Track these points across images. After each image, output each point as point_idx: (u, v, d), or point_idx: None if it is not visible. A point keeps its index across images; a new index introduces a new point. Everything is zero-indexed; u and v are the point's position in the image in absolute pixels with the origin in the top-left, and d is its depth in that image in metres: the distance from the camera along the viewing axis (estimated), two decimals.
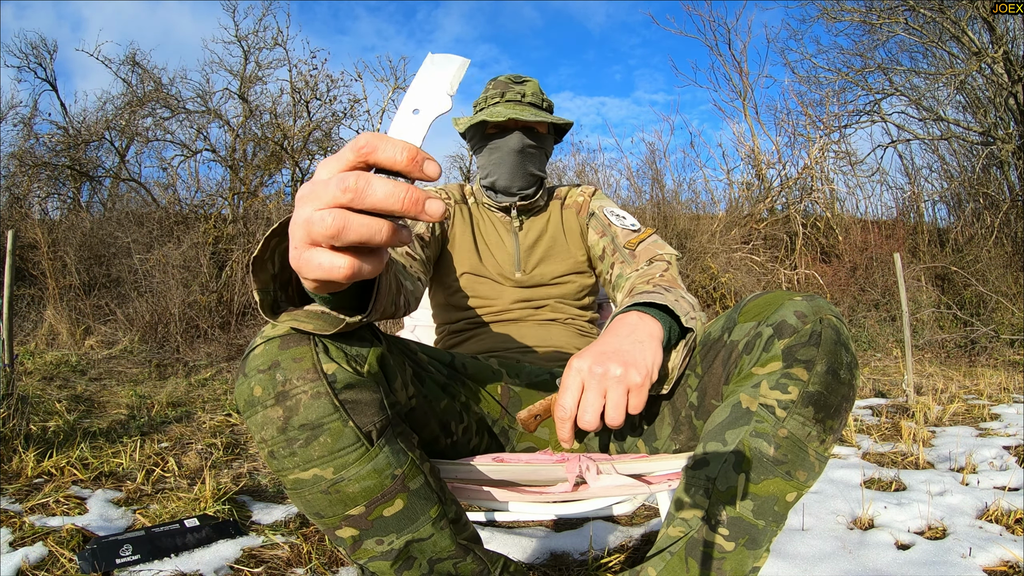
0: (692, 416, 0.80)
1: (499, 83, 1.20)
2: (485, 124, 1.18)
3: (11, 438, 2.12)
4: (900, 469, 2.09)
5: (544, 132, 1.20)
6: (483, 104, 1.21)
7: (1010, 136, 7.04)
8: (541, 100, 1.20)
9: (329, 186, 0.43)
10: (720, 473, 0.70)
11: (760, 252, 6.79)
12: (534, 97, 1.18)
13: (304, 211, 0.45)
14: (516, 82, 1.20)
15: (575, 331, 1.18)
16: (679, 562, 0.71)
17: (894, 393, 3.64)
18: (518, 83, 1.19)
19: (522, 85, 1.19)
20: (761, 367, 0.69)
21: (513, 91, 1.17)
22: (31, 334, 4.95)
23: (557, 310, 1.18)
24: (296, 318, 0.59)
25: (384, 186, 0.43)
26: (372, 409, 0.63)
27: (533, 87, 1.20)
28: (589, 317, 1.24)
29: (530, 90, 1.18)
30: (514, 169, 1.17)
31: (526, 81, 1.21)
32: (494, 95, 1.18)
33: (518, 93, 1.17)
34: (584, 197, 1.26)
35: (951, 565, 1.30)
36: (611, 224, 1.18)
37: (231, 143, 7.13)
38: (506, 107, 1.15)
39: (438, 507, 0.67)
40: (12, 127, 6.88)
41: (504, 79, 1.21)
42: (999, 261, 6.55)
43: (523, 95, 1.17)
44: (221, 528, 1.51)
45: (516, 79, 1.21)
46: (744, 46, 10.22)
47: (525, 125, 1.17)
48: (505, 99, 1.17)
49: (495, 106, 1.17)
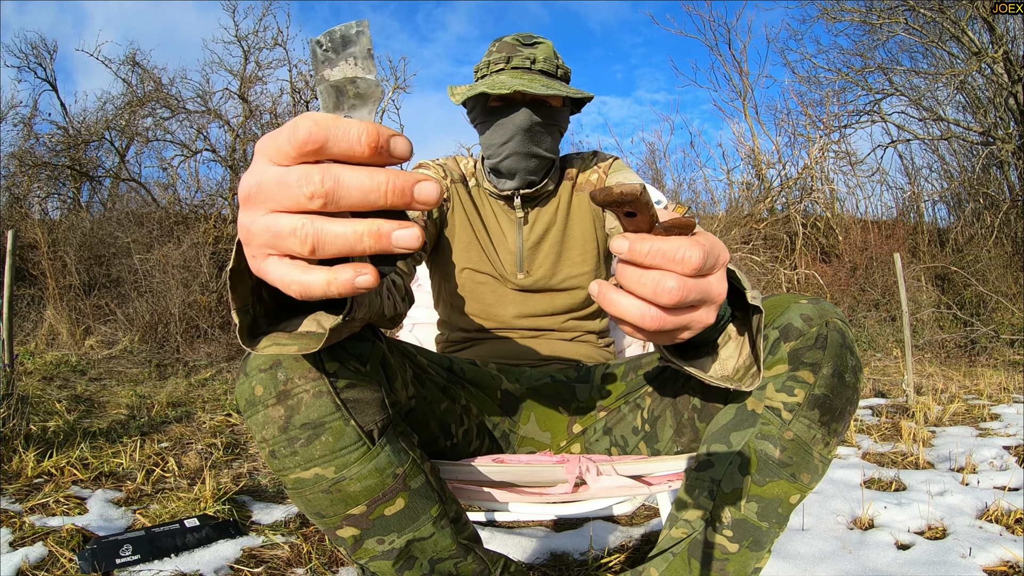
0: (695, 418, 0.80)
1: (504, 45, 1.01)
2: (487, 96, 0.99)
3: (11, 438, 2.11)
4: (900, 469, 2.09)
5: (558, 105, 1.02)
6: (485, 70, 1.01)
7: (1010, 136, 7.04)
8: (555, 67, 1.01)
9: (288, 186, 0.36)
10: (725, 475, 0.69)
11: (760, 252, 6.79)
12: (546, 63, 0.99)
13: (255, 216, 0.38)
14: (525, 44, 1.00)
15: (580, 343, 1.10)
16: (682, 563, 0.71)
17: (894, 393, 3.63)
18: (527, 45, 1.00)
19: (532, 48, 1.00)
20: (767, 370, 0.69)
21: (521, 56, 0.98)
22: (31, 334, 4.95)
23: (564, 328, 1.07)
24: (277, 341, 0.52)
25: (358, 180, 0.35)
26: (373, 408, 0.63)
27: (546, 51, 1.00)
28: (600, 328, 1.12)
29: (542, 55, 0.99)
30: (520, 149, 0.99)
31: (537, 43, 1.01)
32: (498, 60, 0.99)
33: (527, 59, 0.98)
34: (599, 174, 1.09)
35: (951, 565, 1.30)
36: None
37: (231, 143, 7.13)
38: (512, 76, 0.96)
39: (439, 506, 0.66)
40: (12, 127, 6.88)
41: (511, 40, 1.01)
42: (999, 261, 6.55)
43: (533, 61, 0.98)
44: (221, 528, 1.51)
45: (525, 40, 1.01)
46: (744, 46, 10.22)
47: (535, 98, 0.99)
48: (511, 65, 0.98)
49: (499, 74, 0.98)
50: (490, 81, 0.97)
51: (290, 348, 0.51)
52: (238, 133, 7.10)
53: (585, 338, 1.11)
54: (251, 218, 0.38)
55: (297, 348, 0.51)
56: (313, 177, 0.35)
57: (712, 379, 0.60)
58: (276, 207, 0.37)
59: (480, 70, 1.03)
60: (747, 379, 0.61)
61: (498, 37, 1.04)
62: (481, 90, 0.95)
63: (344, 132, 0.35)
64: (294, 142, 0.35)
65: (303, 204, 0.35)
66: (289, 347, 0.51)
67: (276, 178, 0.36)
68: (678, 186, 7.88)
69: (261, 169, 0.37)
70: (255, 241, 0.38)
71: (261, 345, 0.51)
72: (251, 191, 0.38)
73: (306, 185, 0.35)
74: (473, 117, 1.06)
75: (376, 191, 0.35)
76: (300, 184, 0.35)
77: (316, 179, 0.35)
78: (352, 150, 0.35)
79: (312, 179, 0.35)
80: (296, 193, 0.35)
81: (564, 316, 1.08)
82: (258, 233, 0.38)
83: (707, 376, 0.60)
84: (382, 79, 7.48)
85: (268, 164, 0.37)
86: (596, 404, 0.94)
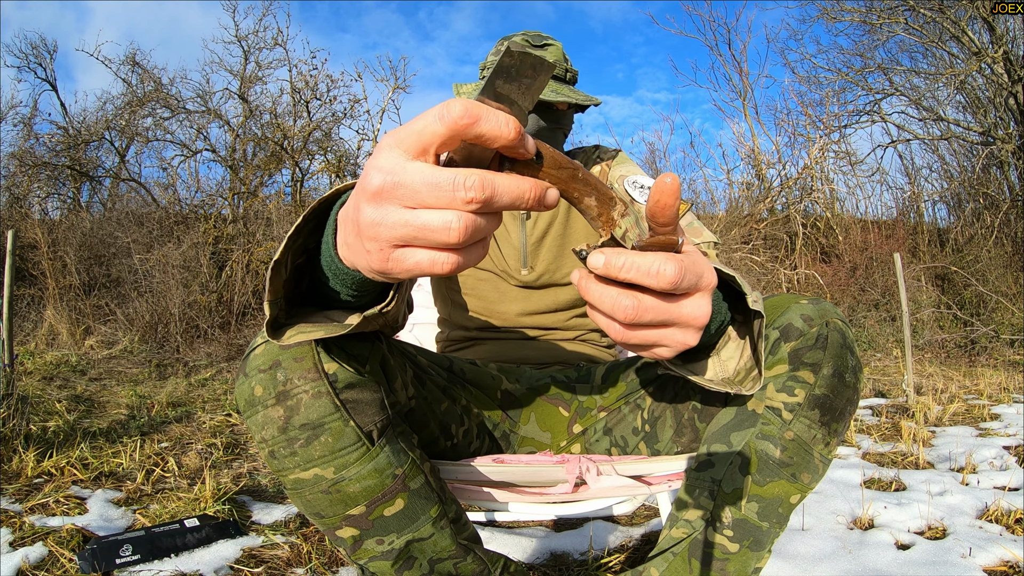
0: (695, 419, 0.80)
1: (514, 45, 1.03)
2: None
3: (11, 438, 2.11)
4: (900, 469, 2.09)
5: (564, 108, 1.01)
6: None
7: (1010, 136, 7.04)
8: (564, 71, 0.99)
9: (440, 188, 0.37)
10: (726, 475, 0.69)
11: (760, 252, 6.79)
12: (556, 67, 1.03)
13: (387, 211, 0.39)
14: (535, 45, 0.99)
15: (582, 343, 1.09)
16: (682, 563, 0.71)
17: (894, 393, 3.64)
18: (537, 47, 0.99)
19: (542, 50, 0.98)
20: (767, 370, 0.69)
21: None
22: (31, 334, 4.95)
23: (568, 327, 1.06)
24: (302, 330, 0.54)
25: (510, 188, 0.38)
26: (373, 409, 0.62)
27: (555, 53, 0.99)
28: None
29: (551, 57, 0.97)
30: None
31: (548, 44, 1.00)
32: None
33: None
34: (602, 167, 1.07)
35: (951, 565, 1.30)
36: (634, 200, 0.98)
37: (231, 143, 7.13)
38: None
39: (438, 507, 0.66)
40: (12, 127, 6.90)
41: (520, 39, 0.98)
42: (999, 261, 6.55)
43: None
44: (221, 528, 1.51)
45: (535, 40, 0.99)
46: (744, 46, 10.24)
47: (542, 103, 0.97)
48: None
49: None
50: None
51: (316, 333, 0.53)
52: (238, 133, 7.10)
53: (587, 337, 1.10)
54: (382, 213, 0.39)
55: (324, 332, 0.53)
56: (472, 182, 0.37)
57: (711, 384, 0.61)
58: (420, 204, 0.38)
59: (487, 68, 1.01)
60: (748, 382, 0.62)
61: (506, 35, 1.03)
62: None
63: (495, 115, 0.37)
64: (447, 119, 0.36)
65: (455, 205, 0.37)
66: (315, 332, 0.53)
67: (425, 179, 0.37)
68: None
69: (398, 165, 0.38)
70: (384, 233, 0.40)
71: (286, 336, 0.53)
72: (385, 187, 0.38)
73: (464, 190, 0.37)
74: None
75: (521, 197, 0.39)
76: (456, 188, 0.37)
77: (475, 183, 0.37)
78: (500, 131, 0.37)
79: (472, 184, 0.37)
80: (450, 195, 0.37)
81: (568, 313, 1.08)
82: (392, 226, 0.39)
83: (706, 381, 0.61)
84: (382, 79, 7.49)
85: (404, 159, 0.38)
86: (596, 404, 0.94)
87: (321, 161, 7.12)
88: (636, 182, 1.00)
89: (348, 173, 7.06)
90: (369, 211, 0.40)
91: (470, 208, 0.37)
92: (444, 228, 0.38)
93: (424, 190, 0.37)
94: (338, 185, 0.58)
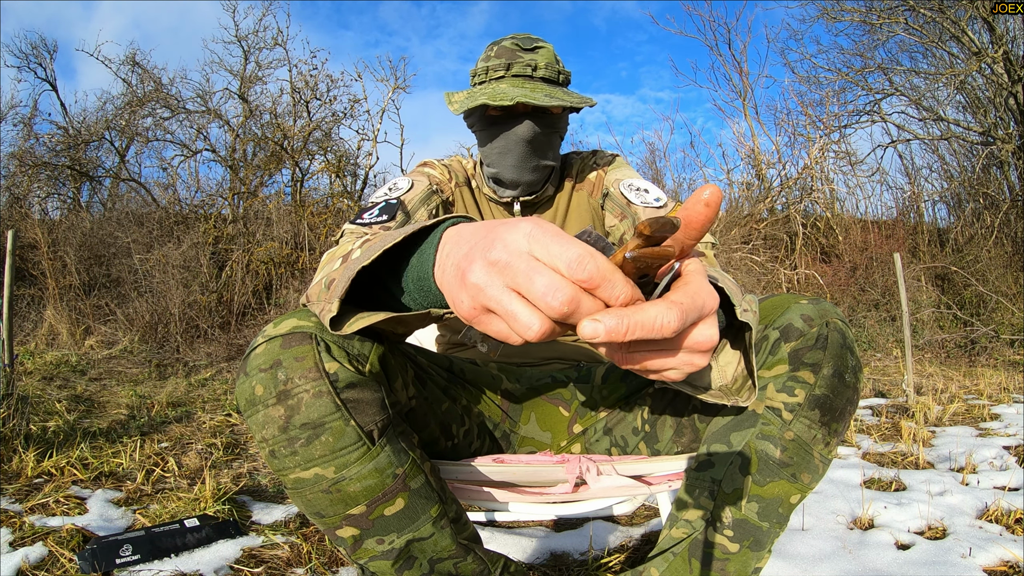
0: (695, 419, 0.80)
1: (503, 50, 0.97)
2: (487, 105, 0.96)
3: (11, 438, 2.11)
4: (900, 469, 2.09)
5: (559, 112, 1.00)
6: (483, 77, 0.98)
7: (1010, 136, 7.04)
8: (557, 73, 0.98)
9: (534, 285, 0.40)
10: (726, 475, 0.69)
11: (760, 252, 6.79)
12: (548, 70, 0.96)
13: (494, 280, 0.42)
14: (525, 48, 0.97)
15: (582, 343, 1.06)
16: (682, 563, 0.71)
17: (894, 393, 3.64)
18: (528, 50, 0.97)
19: (533, 53, 0.97)
20: (767, 370, 0.69)
21: (521, 62, 0.95)
22: (31, 334, 4.95)
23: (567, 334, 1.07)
24: (361, 317, 0.60)
25: (591, 309, 0.39)
26: (373, 408, 0.62)
27: (547, 56, 0.98)
28: None
29: (543, 60, 0.96)
30: (522, 162, 0.98)
31: (538, 47, 0.98)
32: (497, 67, 0.96)
33: (527, 65, 0.95)
34: (598, 173, 1.07)
35: (951, 565, 1.30)
36: (630, 203, 0.97)
37: (231, 143, 7.13)
38: (512, 84, 0.94)
39: (439, 506, 0.66)
40: (12, 127, 6.90)
41: (510, 44, 0.98)
42: (999, 261, 6.55)
43: (534, 67, 0.95)
44: (221, 528, 1.51)
45: (525, 43, 0.98)
46: (744, 46, 10.22)
47: (537, 108, 0.96)
48: (512, 73, 0.95)
49: (499, 82, 0.95)
50: (491, 91, 0.93)
51: (376, 318, 0.59)
52: (238, 133, 7.10)
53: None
54: (488, 280, 0.42)
55: (384, 315, 0.59)
56: (564, 295, 0.39)
57: (709, 396, 0.63)
58: (516, 289, 0.41)
59: (478, 75, 1.00)
60: (744, 392, 0.64)
61: (495, 40, 1.02)
62: (482, 102, 0.92)
63: (611, 288, 0.39)
64: (572, 270, 0.39)
65: (540, 302, 0.40)
66: (374, 317, 0.59)
67: (529, 271, 0.40)
68: (678, 186, 7.88)
69: (519, 251, 0.41)
70: (481, 298, 0.43)
71: (347, 325, 0.59)
72: (501, 262, 0.41)
73: (553, 299, 0.39)
74: (472, 123, 1.03)
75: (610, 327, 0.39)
76: (547, 295, 0.39)
77: (565, 298, 0.39)
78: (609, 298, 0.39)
79: (562, 296, 0.39)
80: (540, 298, 0.39)
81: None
82: (490, 297, 0.42)
83: (704, 395, 0.63)
84: (382, 79, 7.49)
85: (525, 251, 0.41)
86: (596, 404, 0.94)
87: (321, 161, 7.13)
88: (632, 185, 0.99)
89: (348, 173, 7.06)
90: (479, 273, 0.43)
91: (554, 314, 0.39)
92: (526, 326, 0.41)
93: (524, 281, 0.40)
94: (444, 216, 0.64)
